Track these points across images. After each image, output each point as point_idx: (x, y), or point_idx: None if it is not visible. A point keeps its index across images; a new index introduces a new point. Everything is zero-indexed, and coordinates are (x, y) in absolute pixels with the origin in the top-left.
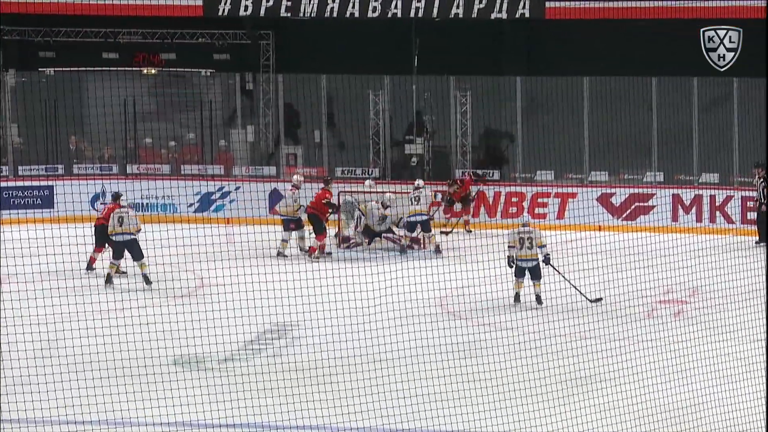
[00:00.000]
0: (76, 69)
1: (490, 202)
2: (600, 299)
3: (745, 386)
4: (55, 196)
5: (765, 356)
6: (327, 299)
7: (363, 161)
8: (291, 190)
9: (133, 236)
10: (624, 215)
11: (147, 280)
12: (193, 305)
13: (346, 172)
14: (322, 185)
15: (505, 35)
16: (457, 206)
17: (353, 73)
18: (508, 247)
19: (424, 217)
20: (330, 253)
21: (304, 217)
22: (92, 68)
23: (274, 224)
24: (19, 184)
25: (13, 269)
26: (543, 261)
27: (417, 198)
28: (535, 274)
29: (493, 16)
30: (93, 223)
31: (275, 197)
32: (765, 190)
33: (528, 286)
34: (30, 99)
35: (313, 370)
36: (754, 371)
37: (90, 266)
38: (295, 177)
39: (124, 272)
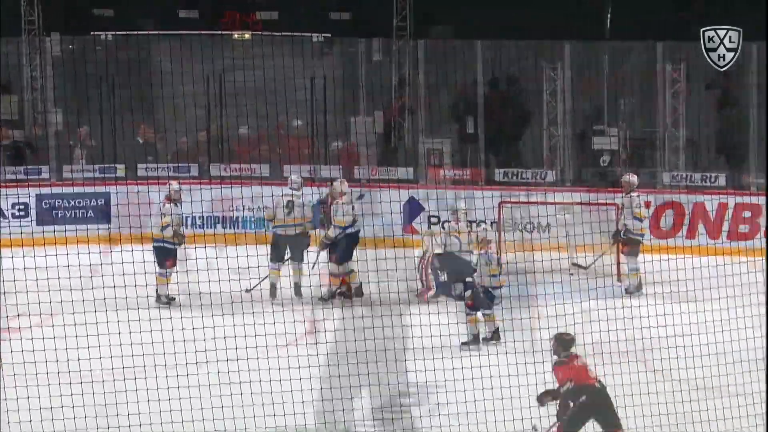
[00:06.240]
0: (142, 33)
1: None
2: None
3: None
4: (113, 207)
5: None
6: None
7: (534, 160)
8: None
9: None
10: None
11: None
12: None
13: (509, 175)
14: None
15: None
16: None
17: (520, 39)
18: None
19: None
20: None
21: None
22: (164, 32)
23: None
24: (66, 190)
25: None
26: None
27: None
28: None
29: None
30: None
31: (413, 209)
32: None
33: None
34: (80, 73)
35: None
36: None
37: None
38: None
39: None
